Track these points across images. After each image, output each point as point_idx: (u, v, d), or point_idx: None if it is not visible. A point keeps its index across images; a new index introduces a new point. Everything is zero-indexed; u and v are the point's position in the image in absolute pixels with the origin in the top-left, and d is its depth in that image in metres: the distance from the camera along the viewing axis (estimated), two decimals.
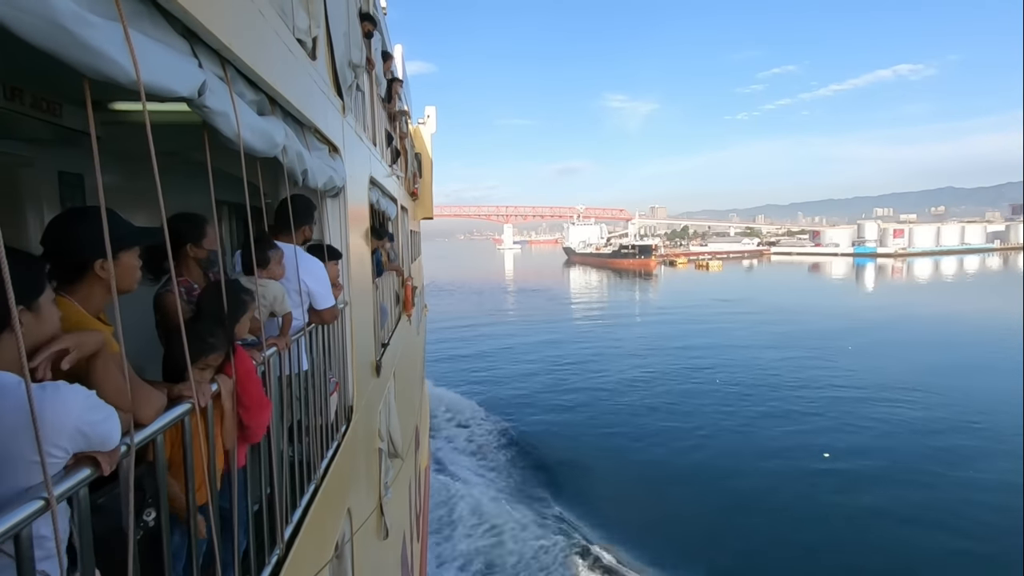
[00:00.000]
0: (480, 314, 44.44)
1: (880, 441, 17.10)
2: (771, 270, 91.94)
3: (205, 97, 1.70)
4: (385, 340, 6.11)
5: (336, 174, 3.58)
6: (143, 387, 1.52)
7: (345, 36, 4.20)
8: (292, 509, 2.67)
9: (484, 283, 72.48)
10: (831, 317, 38.58)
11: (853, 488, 14.14)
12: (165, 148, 3.66)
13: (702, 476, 15.15)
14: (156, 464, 1.52)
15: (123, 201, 3.81)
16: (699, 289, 59.47)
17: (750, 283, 68.95)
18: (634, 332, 36.36)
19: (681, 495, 14.24)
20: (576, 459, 16.43)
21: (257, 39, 2.23)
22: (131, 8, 1.40)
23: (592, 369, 26.57)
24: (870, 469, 15.16)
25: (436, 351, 26.56)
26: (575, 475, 15.39)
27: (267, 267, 2.91)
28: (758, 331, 34.08)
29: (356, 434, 4.02)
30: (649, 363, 27.31)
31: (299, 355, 2.96)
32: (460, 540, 12.27)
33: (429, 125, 18.37)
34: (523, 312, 46.82)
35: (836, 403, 20.53)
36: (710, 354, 28.67)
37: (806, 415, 19.47)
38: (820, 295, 53.89)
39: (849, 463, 15.55)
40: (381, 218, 7.30)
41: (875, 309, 42.95)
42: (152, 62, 1.43)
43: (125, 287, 1.78)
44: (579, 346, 32.04)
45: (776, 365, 26.02)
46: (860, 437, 17.39)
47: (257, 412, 2.21)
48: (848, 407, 20.00)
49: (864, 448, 16.52)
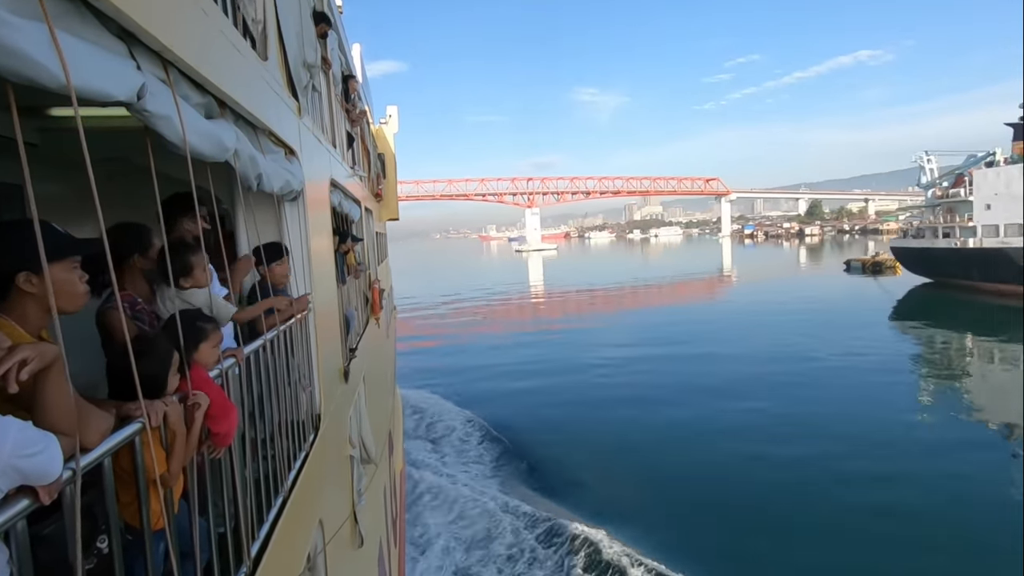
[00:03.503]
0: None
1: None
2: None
3: (145, 101, 1.62)
4: (353, 345, 6.00)
5: (293, 178, 3.49)
6: (87, 408, 1.44)
7: (298, 36, 4.10)
8: (259, 524, 2.59)
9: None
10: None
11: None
12: (111, 154, 3.50)
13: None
14: (105, 488, 1.44)
15: (68, 211, 3.63)
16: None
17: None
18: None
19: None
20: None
21: (201, 39, 2.15)
22: (57, 8, 1.32)
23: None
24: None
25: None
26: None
27: (191, 275, 2.68)
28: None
29: (325, 442, 3.94)
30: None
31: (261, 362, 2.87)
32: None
33: (391, 125, 18.17)
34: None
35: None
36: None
37: None
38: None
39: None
40: (344, 221, 7.16)
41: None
42: (84, 65, 1.35)
43: (65, 305, 1.62)
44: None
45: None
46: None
47: (223, 418, 2.15)
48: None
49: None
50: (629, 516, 12.57)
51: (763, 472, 14.27)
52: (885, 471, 13.98)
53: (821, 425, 17.17)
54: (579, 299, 51.54)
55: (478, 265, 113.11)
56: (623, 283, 62.02)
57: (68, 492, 1.27)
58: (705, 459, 15.36)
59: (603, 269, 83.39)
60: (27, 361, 1.25)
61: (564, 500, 13.63)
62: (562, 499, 13.69)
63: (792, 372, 22.76)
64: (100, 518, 1.48)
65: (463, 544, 11.84)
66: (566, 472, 15.16)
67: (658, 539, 11.54)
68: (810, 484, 13.62)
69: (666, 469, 14.91)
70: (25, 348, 1.27)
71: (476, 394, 21.97)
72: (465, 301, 51.75)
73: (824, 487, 13.46)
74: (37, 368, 1.27)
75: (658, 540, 11.50)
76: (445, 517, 12.82)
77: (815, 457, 14.97)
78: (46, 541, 1.39)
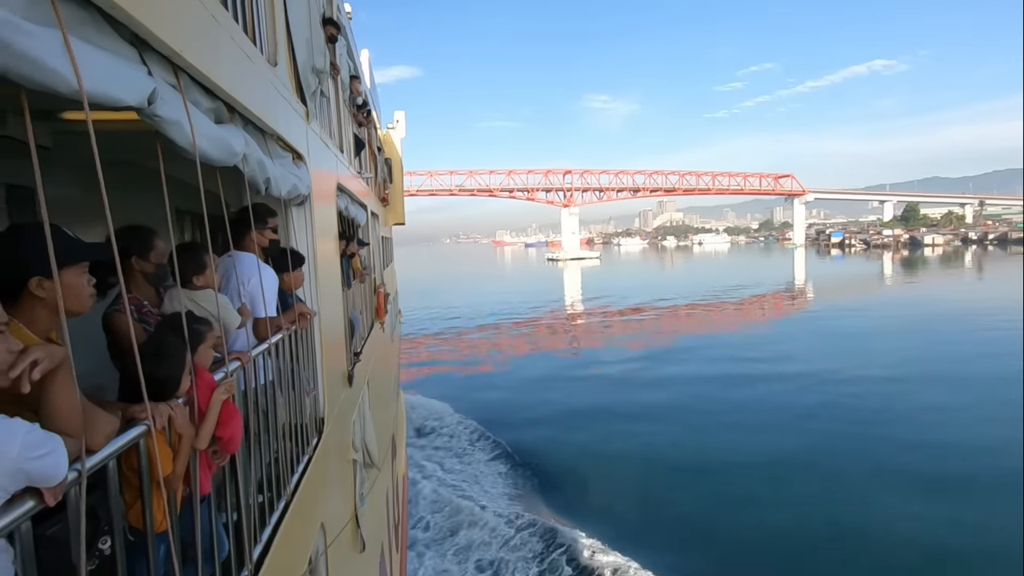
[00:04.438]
0: None
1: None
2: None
3: (156, 106, 1.64)
4: (357, 349, 6.01)
5: (300, 182, 3.51)
6: (93, 410, 1.45)
7: (307, 42, 4.14)
8: (261, 527, 2.59)
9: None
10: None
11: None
12: (122, 157, 3.53)
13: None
14: (109, 490, 1.45)
15: (80, 215, 3.67)
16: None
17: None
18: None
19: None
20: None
21: (211, 45, 2.17)
22: (72, 15, 1.34)
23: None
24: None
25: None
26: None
27: (204, 273, 2.76)
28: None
29: (328, 446, 3.94)
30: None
31: (264, 366, 2.88)
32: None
33: (399, 130, 18.26)
34: None
35: None
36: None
37: None
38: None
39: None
40: (350, 225, 7.19)
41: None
42: (96, 71, 1.37)
43: (73, 307, 1.66)
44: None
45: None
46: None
47: (227, 423, 2.15)
48: None
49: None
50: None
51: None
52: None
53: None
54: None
55: (517, 275, 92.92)
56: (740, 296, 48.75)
57: (72, 493, 1.28)
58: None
59: (677, 283, 64.83)
60: (38, 362, 1.27)
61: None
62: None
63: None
64: (103, 519, 1.49)
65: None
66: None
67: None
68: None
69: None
70: (36, 350, 1.29)
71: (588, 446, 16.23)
72: (516, 315, 42.94)
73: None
74: (48, 369, 1.29)
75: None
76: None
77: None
78: (49, 541, 1.40)
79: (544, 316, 43.41)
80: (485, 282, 75.12)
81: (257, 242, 3.30)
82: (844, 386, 20.96)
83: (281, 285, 3.42)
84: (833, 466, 14.44)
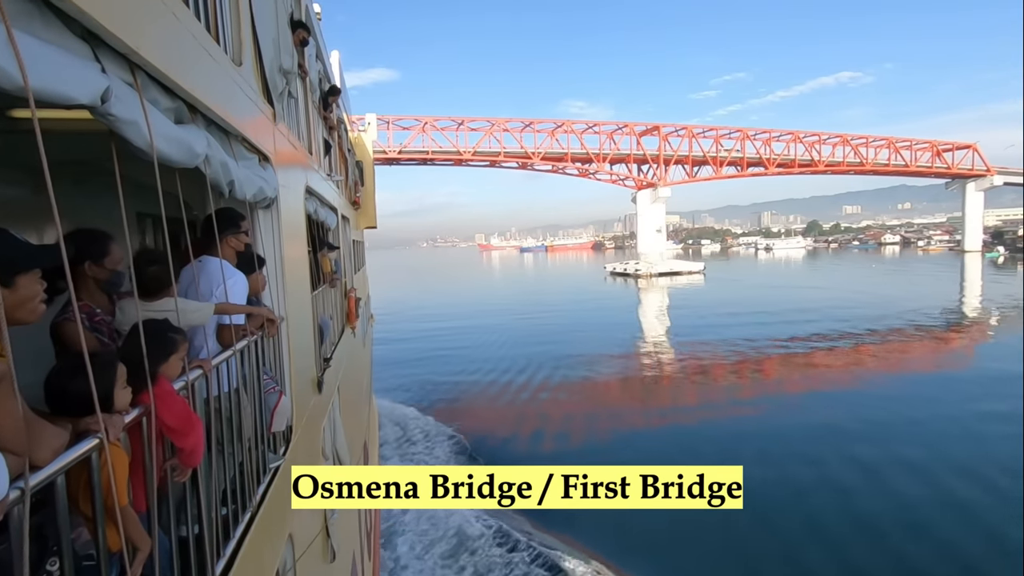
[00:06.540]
0: None
1: None
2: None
3: (110, 104, 1.57)
4: (327, 354, 5.90)
5: (267, 184, 3.43)
6: (39, 424, 1.37)
7: (274, 42, 4.05)
8: (225, 541, 2.50)
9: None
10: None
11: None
12: (77, 158, 3.40)
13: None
14: (57, 508, 1.37)
15: (31, 216, 3.52)
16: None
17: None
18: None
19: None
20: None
21: (171, 42, 2.10)
22: (16, 8, 1.27)
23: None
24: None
25: None
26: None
27: (167, 290, 2.61)
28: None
29: (296, 454, 3.85)
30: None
31: (228, 373, 2.79)
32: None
33: (370, 132, 18.09)
34: None
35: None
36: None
37: None
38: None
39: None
40: (320, 228, 7.07)
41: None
42: (43, 66, 1.31)
43: (23, 317, 1.54)
44: None
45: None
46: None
47: (188, 432, 2.05)
48: None
49: None
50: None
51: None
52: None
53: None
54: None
55: (576, 298, 53.02)
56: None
57: (16, 512, 1.20)
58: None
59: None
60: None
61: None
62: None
63: None
64: (51, 539, 1.41)
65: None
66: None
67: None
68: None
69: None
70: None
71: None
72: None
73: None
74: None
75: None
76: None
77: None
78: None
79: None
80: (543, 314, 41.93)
81: (233, 247, 3.22)
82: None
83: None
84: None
